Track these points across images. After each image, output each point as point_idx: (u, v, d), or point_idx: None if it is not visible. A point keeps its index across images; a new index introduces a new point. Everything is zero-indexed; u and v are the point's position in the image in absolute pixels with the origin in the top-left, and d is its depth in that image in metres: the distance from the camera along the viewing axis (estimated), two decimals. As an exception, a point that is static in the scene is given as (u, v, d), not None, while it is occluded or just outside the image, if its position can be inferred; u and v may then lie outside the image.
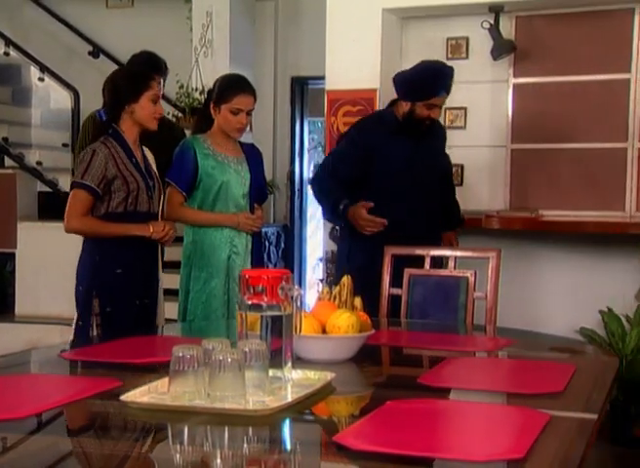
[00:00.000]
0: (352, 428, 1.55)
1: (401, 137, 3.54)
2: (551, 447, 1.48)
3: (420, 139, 3.56)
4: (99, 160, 2.91)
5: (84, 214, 2.95)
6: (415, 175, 3.55)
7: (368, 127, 3.63)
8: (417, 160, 3.56)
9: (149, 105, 3.01)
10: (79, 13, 6.80)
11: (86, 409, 1.69)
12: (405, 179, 3.54)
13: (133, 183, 2.95)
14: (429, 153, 3.63)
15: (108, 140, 2.99)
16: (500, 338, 2.62)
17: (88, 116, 3.90)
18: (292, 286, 1.81)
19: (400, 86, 3.56)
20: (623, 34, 4.16)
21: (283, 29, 6.29)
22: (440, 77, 3.49)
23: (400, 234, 3.36)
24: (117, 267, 2.96)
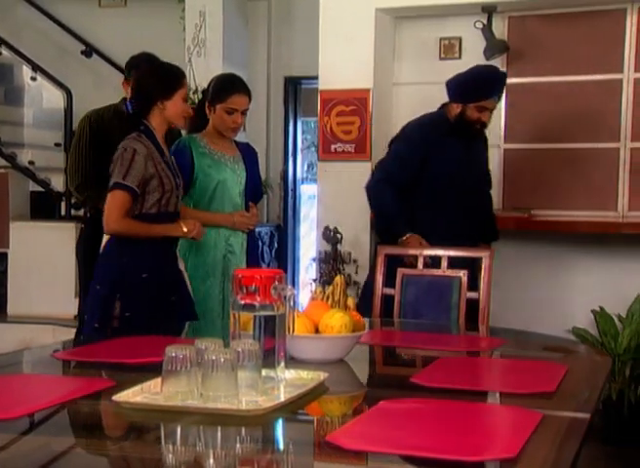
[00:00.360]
0: (345, 428, 1.55)
1: (453, 140, 3.56)
2: (543, 446, 1.48)
3: (469, 143, 3.60)
4: (139, 160, 2.85)
5: (124, 215, 2.87)
6: (465, 177, 3.58)
7: (425, 129, 3.63)
8: (467, 163, 3.60)
9: (181, 103, 2.97)
10: (72, 12, 6.77)
11: (79, 410, 1.69)
12: (457, 181, 3.56)
13: (168, 184, 2.92)
14: (477, 158, 3.68)
15: (142, 138, 2.92)
16: (492, 338, 2.63)
17: (84, 117, 3.90)
18: (285, 285, 1.81)
19: (453, 88, 3.59)
20: (616, 35, 4.17)
21: (276, 29, 6.28)
22: (493, 80, 3.57)
23: (453, 234, 3.39)
24: (144, 271, 2.90)
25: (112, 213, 2.88)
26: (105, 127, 3.78)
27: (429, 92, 4.51)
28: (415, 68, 4.58)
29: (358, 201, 4.44)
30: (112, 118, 3.79)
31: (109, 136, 3.77)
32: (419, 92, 4.56)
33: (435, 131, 3.61)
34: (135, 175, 2.85)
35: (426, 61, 4.54)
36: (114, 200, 2.88)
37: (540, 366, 2.12)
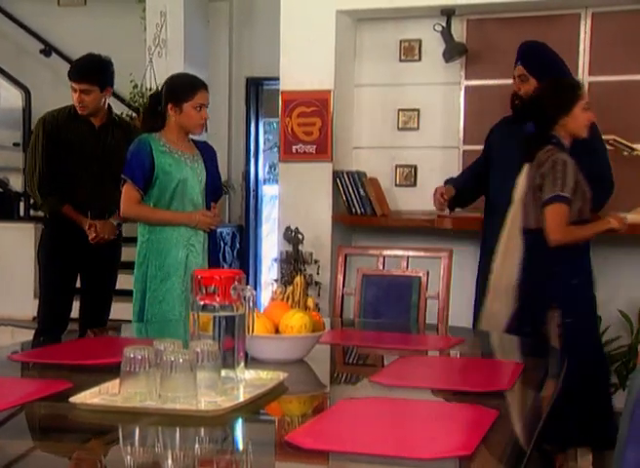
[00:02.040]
0: (304, 427, 1.56)
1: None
2: (499, 443, 1.51)
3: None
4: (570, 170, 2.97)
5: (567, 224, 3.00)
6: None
7: None
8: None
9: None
10: (30, 11, 6.69)
11: (36, 412, 1.68)
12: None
13: (588, 192, 3.06)
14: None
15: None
16: (450, 337, 2.66)
17: (39, 119, 3.86)
18: (244, 286, 1.82)
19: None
20: (571, 39, 4.24)
21: (237, 30, 6.27)
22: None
23: None
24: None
25: (555, 225, 2.95)
26: (60, 128, 3.77)
27: (390, 93, 4.56)
28: (375, 70, 4.61)
29: (320, 201, 4.46)
30: (67, 119, 3.78)
31: (64, 138, 3.76)
32: (379, 93, 4.59)
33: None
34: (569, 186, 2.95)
35: (387, 63, 4.57)
36: (556, 214, 2.95)
37: (497, 364, 2.16)
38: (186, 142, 3.35)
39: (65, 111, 3.83)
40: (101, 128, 3.82)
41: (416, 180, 4.57)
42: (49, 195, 3.77)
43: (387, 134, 4.58)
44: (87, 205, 3.77)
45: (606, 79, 4.21)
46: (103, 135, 3.82)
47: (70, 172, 3.76)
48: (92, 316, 3.85)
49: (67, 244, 3.77)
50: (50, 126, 3.76)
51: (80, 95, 3.73)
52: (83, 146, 3.76)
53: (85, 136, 3.78)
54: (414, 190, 4.55)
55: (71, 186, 3.76)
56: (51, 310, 3.83)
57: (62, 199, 3.76)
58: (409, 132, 4.54)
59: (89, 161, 3.77)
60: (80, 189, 3.76)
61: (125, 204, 3.26)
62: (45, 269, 3.85)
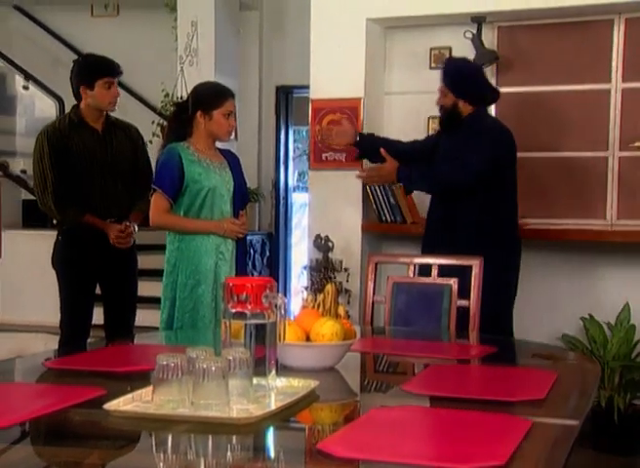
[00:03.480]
0: (336, 435, 1.55)
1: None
2: (533, 453, 1.49)
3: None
4: None
5: None
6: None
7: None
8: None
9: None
10: (64, 21, 6.79)
11: (69, 419, 1.69)
12: None
13: None
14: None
15: None
16: (482, 346, 2.64)
17: (40, 133, 3.75)
18: (276, 294, 1.82)
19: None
20: (603, 45, 4.20)
21: (268, 38, 6.31)
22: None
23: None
24: None
25: None
26: (65, 139, 3.69)
27: (420, 101, 4.55)
28: (405, 78, 4.61)
29: (349, 209, 4.46)
30: (69, 129, 3.72)
31: (71, 148, 3.69)
32: (409, 101, 4.59)
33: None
34: None
35: (417, 71, 4.57)
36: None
37: (530, 373, 2.13)
38: (214, 151, 3.39)
39: (65, 121, 3.76)
40: (105, 132, 3.77)
41: (446, 188, 4.54)
42: (67, 208, 3.71)
43: (418, 141, 4.57)
44: (104, 211, 3.73)
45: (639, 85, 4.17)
46: (108, 139, 3.77)
47: (82, 181, 3.69)
48: (118, 323, 3.82)
49: (85, 252, 3.73)
50: (54, 138, 3.68)
51: (116, 89, 3.72)
52: (90, 153, 3.70)
53: (91, 143, 3.72)
54: (444, 198, 4.52)
55: (86, 195, 3.70)
56: (74, 320, 3.78)
57: (82, 209, 3.70)
58: (439, 139, 4.51)
59: (98, 167, 3.71)
60: (95, 197, 3.71)
61: (154, 213, 3.29)
62: (65, 279, 3.80)
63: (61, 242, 3.80)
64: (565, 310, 4.19)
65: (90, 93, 3.69)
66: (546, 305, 4.27)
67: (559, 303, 4.25)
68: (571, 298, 4.22)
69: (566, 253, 4.24)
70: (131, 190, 3.79)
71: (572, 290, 4.22)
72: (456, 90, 3.68)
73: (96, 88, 3.68)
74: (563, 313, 4.19)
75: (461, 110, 3.68)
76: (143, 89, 6.38)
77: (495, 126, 3.76)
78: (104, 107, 3.74)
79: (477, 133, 3.67)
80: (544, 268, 4.28)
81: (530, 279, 4.29)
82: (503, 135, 3.69)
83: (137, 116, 6.38)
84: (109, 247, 3.70)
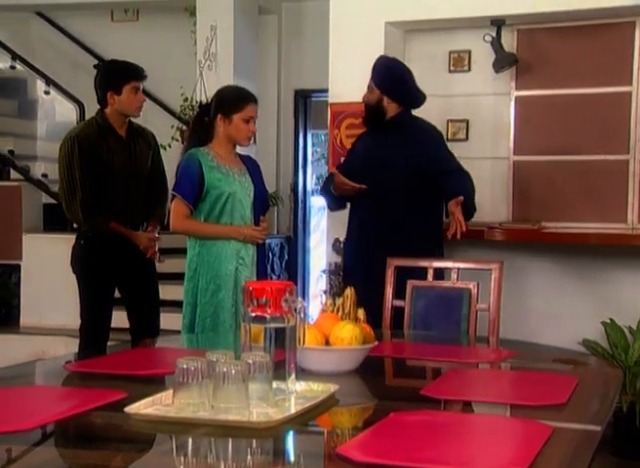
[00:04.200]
0: (355, 440, 1.55)
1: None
2: (554, 459, 1.49)
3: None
4: None
5: None
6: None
7: None
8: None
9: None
10: (85, 26, 6.84)
11: (90, 421, 1.70)
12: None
13: None
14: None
15: None
16: (502, 350, 2.63)
17: (68, 139, 3.69)
18: (295, 298, 1.83)
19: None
20: (624, 47, 4.18)
21: (286, 42, 6.32)
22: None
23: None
24: None
25: None
26: (94, 145, 3.66)
27: (439, 104, 4.54)
28: (424, 81, 4.57)
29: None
30: (97, 135, 3.69)
31: (99, 154, 3.66)
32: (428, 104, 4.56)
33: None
34: None
35: (436, 74, 4.56)
36: None
37: (551, 378, 2.12)
38: (234, 156, 3.39)
39: (93, 126, 3.72)
40: (128, 138, 3.76)
41: (465, 191, 4.53)
42: (94, 216, 3.66)
43: (436, 145, 4.55)
44: (127, 218, 3.71)
45: (661, 88, 4.14)
46: (132, 145, 3.76)
47: (108, 188, 3.67)
48: (144, 326, 3.82)
49: (106, 256, 3.71)
50: (85, 144, 3.63)
51: (142, 94, 3.74)
52: (116, 160, 3.69)
53: (116, 150, 3.70)
54: (463, 202, 4.51)
55: (110, 202, 3.68)
56: (94, 323, 3.78)
57: (108, 217, 3.69)
58: (458, 143, 4.50)
59: (122, 174, 3.69)
60: (118, 204, 3.69)
61: (174, 219, 3.31)
62: (85, 283, 3.79)
63: (82, 245, 3.79)
64: (586, 314, 4.16)
65: (117, 98, 3.68)
66: (567, 310, 4.24)
67: (580, 308, 4.22)
68: (591, 303, 4.19)
69: (586, 257, 4.21)
70: (148, 197, 3.80)
71: (592, 294, 4.19)
72: (383, 86, 3.72)
73: (123, 93, 3.68)
74: (584, 317, 4.16)
75: (386, 109, 3.71)
76: (163, 93, 6.42)
77: (432, 125, 3.85)
78: (131, 113, 3.74)
79: (429, 135, 3.76)
80: (565, 272, 4.26)
81: (550, 283, 4.27)
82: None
83: (156, 120, 6.41)
84: (129, 251, 3.71)
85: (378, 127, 3.76)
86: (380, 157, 3.70)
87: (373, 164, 3.71)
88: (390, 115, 3.73)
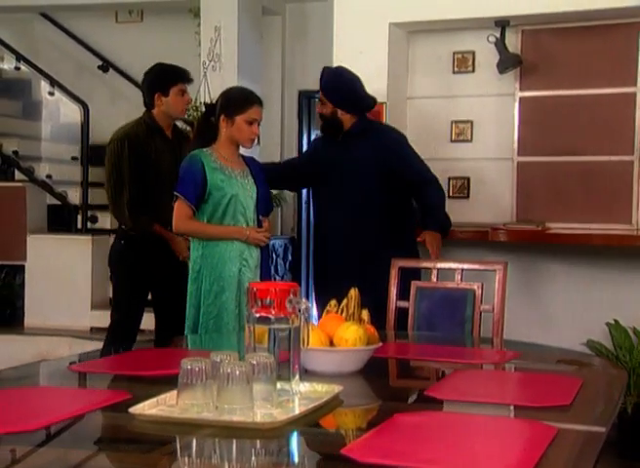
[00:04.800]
0: (360, 441, 1.55)
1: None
2: (559, 460, 1.49)
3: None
4: None
5: None
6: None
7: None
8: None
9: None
10: (89, 27, 6.85)
11: (95, 422, 1.71)
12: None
13: None
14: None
15: None
16: (506, 351, 2.63)
17: (117, 138, 3.70)
18: (299, 298, 1.83)
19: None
20: (629, 48, 4.17)
21: (290, 43, 6.33)
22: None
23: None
24: None
25: None
26: (143, 145, 3.67)
27: (443, 105, 4.55)
28: (429, 82, 4.60)
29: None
30: (146, 135, 3.70)
31: (147, 154, 3.67)
32: (433, 105, 4.58)
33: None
34: None
35: (440, 75, 4.56)
36: None
37: (555, 379, 2.12)
38: (237, 158, 3.39)
39: (142, 126, 3.74)
40: (174, 139, 3.79)
41: (469, 192, 4.54)
42: (140, 216, 3.66)
43: (440, 145, 4.56)
44: (169, 222, 3.57)
45: (665, 88, 4.14)
46: (177, 147, 3.75)
47: (155, 188, 3.67)
48: (172, 330, 3.69)
49: (145, 258, 3.71)
50: (135, 143, 3.66)
51: (188, 95, 3.75)
52: (163, 161, 3.69)
53: (164, 150, 3.72)
54: (467, 202, 4.52)
55: (155, 204, 3.66)
56: (126, 324, 3.79)
57: (152, 218, 3.67)
58: (462, 143, 4.51)
59: (168, 176, 3.62)
60: (162, 205, 3.60)
61: (177, 220, 3.31)
62: (122, 281, 3.80)
63: (122, 245, 3.79)
64: (590, 315, 4.16)
65: (164, 99, 3.72)
66: (571, 310, 4.24)
67: (584, 308, 4.21)
68: (596, 304, 4.19)
69: (590, 257, 4.20)
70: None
71: (597, 295, 4.18)
72: (334, 100, 3.75)
73: (170, 94, 3.72)
74: (588, 318, 4.16)
75: (341, 118, 3.74)
76: (167, 94, 6.41)
77: (392, 127, 3.92)
78: (177, 114, 3.78)
79: (392, 137, 3.81)
80: (569, 273, 4.25)
81: (554, 284, 4.26)
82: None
83: (160, 121, 6.46)
84: (167, 253, 3.69)
85: (337, 137, 3.78)
86: (348, 163, 3.72)
87: (340, 170, 3.72)
88: (348, 125, 3.75)
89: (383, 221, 3.72)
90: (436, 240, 3.69)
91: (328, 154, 3.81)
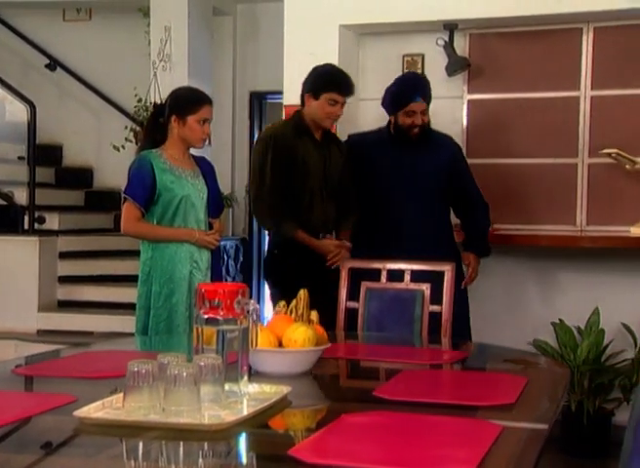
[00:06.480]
0: (307, 441, 1.56)
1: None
2: (503, 457, 1.51)
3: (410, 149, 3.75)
4: None
5: None
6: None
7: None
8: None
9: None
10: (36, 25, 6.73)
11: (39, 426, 1.68)
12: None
13: None
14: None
15: None
16: (454, 351, 2.66)
17: (265, 137, 3.56)
18: (248, 300, 1.82)
19: (384, 104, 3.83)
20: (573, 53, 4.26)
21: (241, 44, 6.31)
22: (410, 85, 3.78)
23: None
24: None
25: None
26: (290, 147, 3.50)
27: (393, 107, 4.57)
28: (379, 84, 4.60)
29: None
30: (293, 136, 3.53)
31: (294, 156, 3.50)
32: (383, 107, 4.61)
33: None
34: None
35: (390, 77, 4.54)
36: None
37: (501, 378, 2.15)
38: (187, 158, 3.37)
39: (289, 127, 3.58)
40: (322, 142, 3.60)
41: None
42: (282, 220, 3.49)
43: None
44: (317, 229, 3.52)
45: (608, 93, 4.23)
46: (326, 151, 3.60)
47: (303, 192, 3.51)
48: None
49: (303, 267, 3.48)
50: (281, 144, 3.50)
51: (341, 108, 3.55)
52: (309, 163, 3.53)
53: (312, 154, 3.54)
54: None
55: (302, 209, 3.51)
56: None
57: (296, 223, 3.49)
58: (412, 145, 4.54)
59: (316, 180, 3.52)
60: (310, 211, 3.51)
61: (125, 222, 3.27)
62: (277, 293, 3.49)
63: (276, 255, 3.60)
64: (536, 315, 4.23)
65: (312, 102, 3.55)
66: (517, 310, 4.31)
67: (530, 308, 4.29)
68: (541, 303, 4.26)
69: (537, 258, 4.28)
70: (337, 208, 3.62)
71: (542, 295, 4.26)
72: (429, 103, 3.78)
73: (320, 99, 3.53)
74: (534, 318, 4.23)
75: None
76: (116, 93, 6.35)
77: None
78: (319, 121, 3.57)
79: (460, 150, 3.94)
80: (515, 274, 4.32)
81: (501, 284, 4.33)
82: None
83: (109, 121, 6.38)
84: (319, 261, 3.50)
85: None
86: (412, 163, 3.73)
87: (405, 173, 3.72)
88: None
89: (446, 220, 3.83)
90: (478, 264, 3.85)
91: (392, 159, 3.75)
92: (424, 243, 3.64)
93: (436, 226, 3.76)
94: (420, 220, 3.70)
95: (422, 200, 3.72)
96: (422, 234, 3.68)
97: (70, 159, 6.79)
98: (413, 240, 3.64)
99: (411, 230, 3.67)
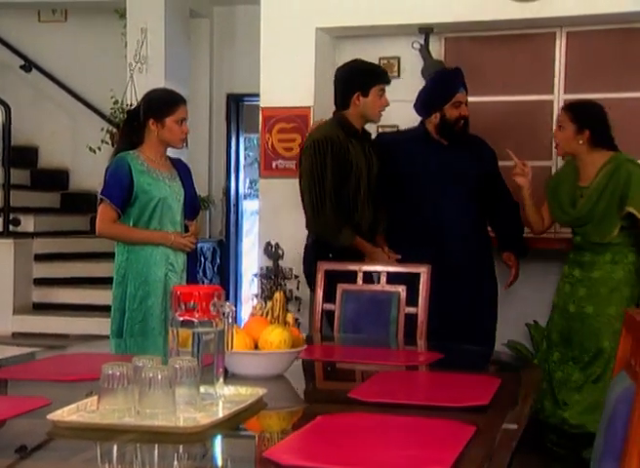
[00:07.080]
0: (283, 443, 1.56)
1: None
2: (477, 458, 1.53)
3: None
4: None
5: None
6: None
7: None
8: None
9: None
10: (11, 26, 6.67)
11: (13, 430, 1.67)
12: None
13: None
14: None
15: None
16: (430, 352, 2.67)
17: (315, 142, 3.43)
18: (223, 302, 1.83)
19: (422, 103, 3.81)
20: (546, 57, 4.31)
21: (218, 46, 6.30)
22: (452, 76, 3.80)
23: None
24: None
25: None
26: (345, 151, 3.42)
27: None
28: (355, 87, 4.64)
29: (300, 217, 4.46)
30: (345, 139, 3.45)
31: (348, 160, 3.42)
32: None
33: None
34: None
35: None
36: None
37: (475, 379, 2.17)
38: (164, 160, 3.36)
39: (339, 129, 3.46)
40: (363, 142, 3.55)
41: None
42: (342, 227, 3.39)
43: (367, 150, 4.60)
44: (366, 233, 3.47)
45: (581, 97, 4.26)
46: (369, 152, 3.55)
47: (356, 197, 3.46)
48: None
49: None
50: (337, 149, 3.40)
51: (386, 98, 3.52)
52: (360, 165, 3.46)
53: (359, 155, 3.48)
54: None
55: (360, 211, 3.46)
56: None
57: (353, 230, 3.41)
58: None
59: (365, 183, 3.47)
60: (361, 216, 3.47)
61: (101, 223, 3.26)
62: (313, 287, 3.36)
63: (316, 253, 3.50)
64: (511, 317, 4.26)
65: (363, 100, 3.46)
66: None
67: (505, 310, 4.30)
68: (516, 305, 4.29)
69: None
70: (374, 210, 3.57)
71: (517, 296, 4.29)
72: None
73: (370, 95, 3.47)
74: (509, 319, 4.25)
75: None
76: (92, 95, 6.31)
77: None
78: (373, 117, 3.53)
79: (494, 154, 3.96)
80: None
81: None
82: None
83: (85, 123, 6.34)
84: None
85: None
86: (449, 163, 3.72)
87: (442, 172, 3.70)
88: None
89: (482, 220, 3.86)
90: (518, 263, 3.93)
91: (432, 156, 3.74)
92: (464, 244, 3.68)
93: (473, 226, 3.76)
94: (459, 221, 3.70)
95: (459, 200, 3.72)
96: (462, 234, 3.69)
97: (46, 161, 6.74)
98: (453, 240, 3.66)
99: (450, 231, 3.67)
